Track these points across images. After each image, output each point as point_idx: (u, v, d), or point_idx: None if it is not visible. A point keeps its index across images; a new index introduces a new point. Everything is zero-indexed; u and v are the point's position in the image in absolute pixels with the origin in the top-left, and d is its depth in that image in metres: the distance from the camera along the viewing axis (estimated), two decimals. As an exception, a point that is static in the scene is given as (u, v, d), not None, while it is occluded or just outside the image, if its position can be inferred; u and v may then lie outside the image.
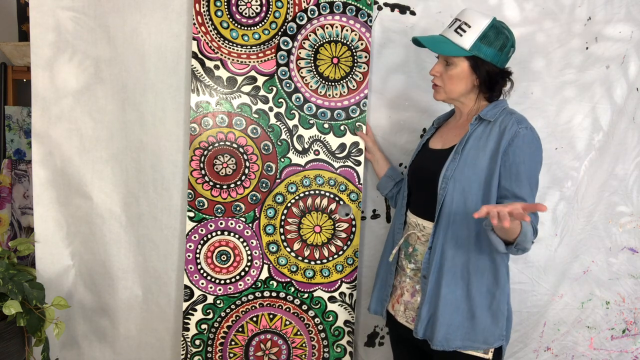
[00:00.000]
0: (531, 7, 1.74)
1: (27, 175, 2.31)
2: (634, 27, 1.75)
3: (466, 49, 1.35)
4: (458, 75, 1.38)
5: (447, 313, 1.36)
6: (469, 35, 1.34)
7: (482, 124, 1.38)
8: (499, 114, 1.38)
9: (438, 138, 1.52)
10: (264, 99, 1.72)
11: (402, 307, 1.49)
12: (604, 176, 1.81)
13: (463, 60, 1.37)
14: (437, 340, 1.36)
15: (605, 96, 1.77)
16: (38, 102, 1.70)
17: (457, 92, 1.42)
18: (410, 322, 1.46)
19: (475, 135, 1.38)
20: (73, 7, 1.67)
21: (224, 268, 1.76)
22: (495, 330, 1.38)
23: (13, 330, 1.64)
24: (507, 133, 1.32)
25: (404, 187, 1.56)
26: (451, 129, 1.50)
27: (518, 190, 1.30)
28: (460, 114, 1.50)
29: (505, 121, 1.35)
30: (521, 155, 1.31)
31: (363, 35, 1.71)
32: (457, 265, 1.37)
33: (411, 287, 1.47)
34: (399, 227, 1.55)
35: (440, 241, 1.37)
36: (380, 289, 1.60)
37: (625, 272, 1.86)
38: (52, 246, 1.78)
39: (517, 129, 1.31)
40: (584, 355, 1.89)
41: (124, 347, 1.87)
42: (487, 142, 1.35)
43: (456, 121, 1.51)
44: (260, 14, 1.69)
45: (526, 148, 1.31)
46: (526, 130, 1.32)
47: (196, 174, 1.71)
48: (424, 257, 1.41)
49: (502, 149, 1.31)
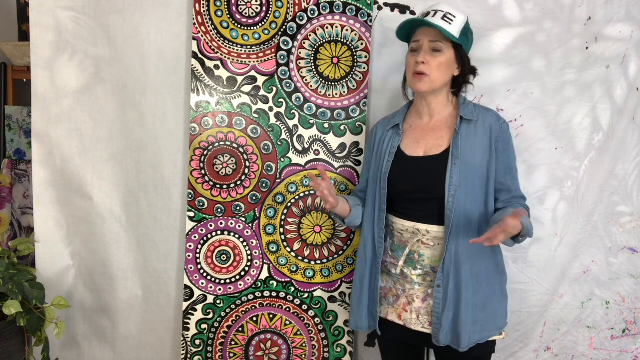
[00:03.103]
0: (531, 7, 1.73)
1: (27, 175, 2.31)
2: (634, 27, 1.75)
3: (456, 36, 1.38)
4: (446, 62, 1.40)
5: (467, 315, 1.38)
6: (455, 24, 1.38)
7: (464, 123, 1.42)
8: (474, 111, 1.44)
9: (412, 143, 1.46)
10: (264, 98, 1.72)
11: (413, 315, 1.44)
12: (604, 176, 1.81)
13: (450, 48, 1.39)
14: (463, 344, 1.38)
15: (605, 96, 1.77)
16: (38, 102, 1.70)
17: (441, 82, 1.41)
18: (427, 327, 1.43)
19: (463, 136, 1.40)
20: (73, 7, 1.67)
21: (224, 268, 1.76)
22: (503, 313, 1.47)
23: (13, 330, 1.64)
24: (495, 130, 1.41)
25: (380, 197, 1.46)
26: (426, 132, 1.46)
27: (511, 183, 1.43)
28: (428, 112, 1.47)
29: (486, 118, 1.42)
30: (508, 149, 1.43)
31: (363, 35, 1.71)
32: (470, 265, 1.38)
33: (422, 293, 1.44)
34: (379, 238, 1.48)
35: (453, 247, 1.38)
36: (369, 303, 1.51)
37: (626, 272, 1.86)
38: (52, 246, 1.78)
39: (500, 125, 1.42)
40: (584, 355, 1.89)
41: (124, 347, 1.88)
42: (476, 141, 1.39)
43: (424, 123, 1.48)
44: (260, 13, 1.69)
45: (510, 141, 1.44)
46: (505, 124, 1.44)
47: (196, 174, 1.71)
48: (439, 268, 1.39)
49: (494, 146, 1.40)
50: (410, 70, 1.42)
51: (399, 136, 1.49)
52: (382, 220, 1.48)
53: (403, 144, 1.48)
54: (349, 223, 1.55)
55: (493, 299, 1.44)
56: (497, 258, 1.47)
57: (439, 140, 1.43)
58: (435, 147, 1.43)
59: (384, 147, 1.50)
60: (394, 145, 1.48)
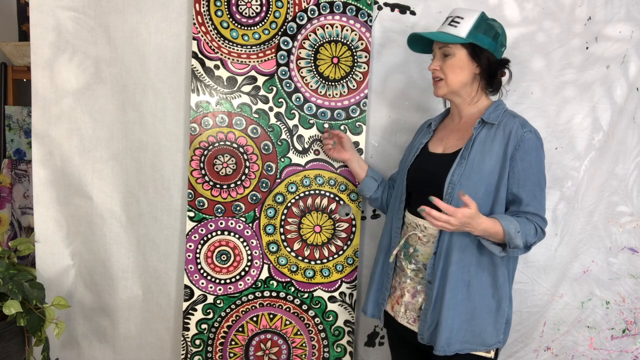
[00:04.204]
0: (531, 7, 1.74)
1: (27, 175, 2.31)
2: (634, 27, 1.75)
3: (462, 37, 1.37)
4: (457, 63, 1.39)
5: (449, 317, 1.35)
6: (462, 25, 1.38)
7: (485, 127, 1.39)
8: (501, 116, 1.39)
9: (437, 141, 1.51)
10: (264, 98, 1.72)
11: (402, 308, 1.48)
12: (604, 176, 1.81)
13: (460, 48, 1.38)
14: (439, 346, 1.36)
15: (605, 96, 1.77)
16: (38, 102, 1.70)
17: (458, 83, 1.41)
18: (411, 323, 1.46)
19: (480, 138, 1.38)
20: (73, 7, 1.67)
21: (224, 268, 1.76)
22: (493, 332, 1.39)
23: (13, 330, 1.64)
24: (513, 137, 1.33)
25: (401, 188, 1.52)
26: (451, 132, 1.49)
27: (524, 196, 1.34)
28: (458, 113, 1.49)
29: (509, 124, 1.36)
30: (528, 160, 1.33)
31: (363, 35, 1.71)
32: (460, 269, 1.36)
33: (412, 288, 1.46)
34: (396, 228, 1.52)
35: (445, 245, 1.37)
36: (376, 292, 1.58)
37: (625, 272, 1.86)
38: (52, 246, 1.78)
39: (522, 133, 1.33)
40: (584, 355, 1.89)
41: (124, 347, 1.87)
42: (493, 146, 1.35)
43: (454, 123, 1.50)
44: (260, 13, 1.69)
45: (532, 152, 1.34)
46: (530, 134, 1.34)
47: (196, 174, 1.71)
48: (429, 262, 1.40)
49: (510, 154, 1.33)
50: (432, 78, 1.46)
51: (429, 134, 1.54)
52: (400, 212, 1.51)
53: (431, 141, 1.53)
54: (359, 190, 1.71)
55: (483, 313, 1.37)
56: (497, 271, 1.38)
57: (458, 141, 1.43)
58: (453, 146, 1.43)
59: (415, 143, 1.57)
60: (423, 142, 1.53)
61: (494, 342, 1.39)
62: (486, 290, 1.38)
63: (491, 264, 1.38)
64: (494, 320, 1.39)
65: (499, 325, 1.40)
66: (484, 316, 1.38)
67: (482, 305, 1.37)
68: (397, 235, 1.52)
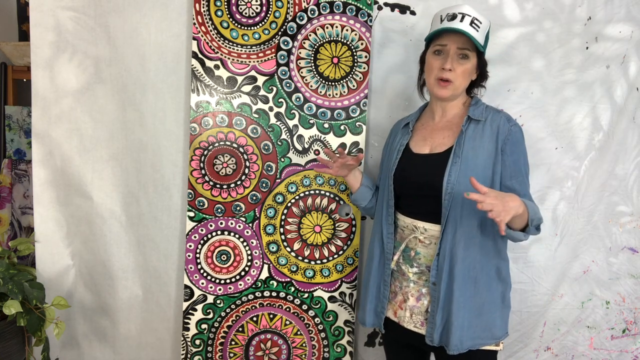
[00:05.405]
0: (531, 7, 1.74)
1: (27, 175, 2.31)
2: (634, 27, 1.75)
3: (482, 43, 1.38)
4: (470, 69, 1.40)
5: (460, 316, 1.36)
6: (482, 30, 1.38)
7: (472, 123, 1.41)
8: (485, 112, 1.42)
9: (420, 141, 1.47)
10: (264, 98, 1.72)
11: (407, 312, 1.45)
12: (604, 176, 1.81)
13: (475, 55, 1.39)
14: (452, 345, 1.36)
15: (605, 96, 1.77)
16: (38, 102, 1.70)
17: (462, 88, 1.43)
18: (419, 326, 1.44)
19: (468, 136, 1.39)
20: (73, 7, 1.67)
21: (224, 268, 1.76)
22: (501, 324, 1.42)
23: (13, 330, 1.64)
24: (502, 132, 1.37)
25: (388, 193, 1.49)
26: (434, 131, 1.47)
27: (518, 187, 1.37)
28: (441, 112, 1.48)
29: (495, 120, 1.40)
30: (517, 153, 1.38)
31: (363, 35, 1.71)
32: (467, 267, 1.37)
33: (416, 292, 1.44)
34: (389, 234, 1.50)
35: (448, 245, 1.37)
36: (374, 300, 1.53)
37: (626, 272, 1.86)
38: (52, 246, 1.78)
39: (509, 127, 1.38)
40: (584, 355, 1.89)
41: (124, 347, 1.88)
42: (482, 141, 1.37)
43: (435, 122, 1.48)
44: (260, 13, 1.69)
45: (520, 145, 1.39)
46: (516, 127, 1.39)
47: (196, 174, 1.71)
48: (433, 264, 1.39)
49: (500, 148, 1.37)
50: (434, 74, 1.40)
51: (408, 134, 1.51)
52: (391, 216, 1.49)
53: (412, 142, 1.50)
54: (353, 200, 1.66)
55: (491, 307, 1.40)
56: (500, 265, 1.42)
57: (446, 139, 1.43)
58: (441, 145, 1.43)
59: (394, 145, 1.54)
60: (403, 143, 1.50)
61: (502, 333, 1.43)
62: (492, 284, 1.40)
63: (495, 257, 1.40)
64: (501, 313, 1.43)
65: (505, 317, 1.44)
66: (492, 310, 1.40)
67: (489, 300, 1.40)
68: (391, 241, 1.49)
